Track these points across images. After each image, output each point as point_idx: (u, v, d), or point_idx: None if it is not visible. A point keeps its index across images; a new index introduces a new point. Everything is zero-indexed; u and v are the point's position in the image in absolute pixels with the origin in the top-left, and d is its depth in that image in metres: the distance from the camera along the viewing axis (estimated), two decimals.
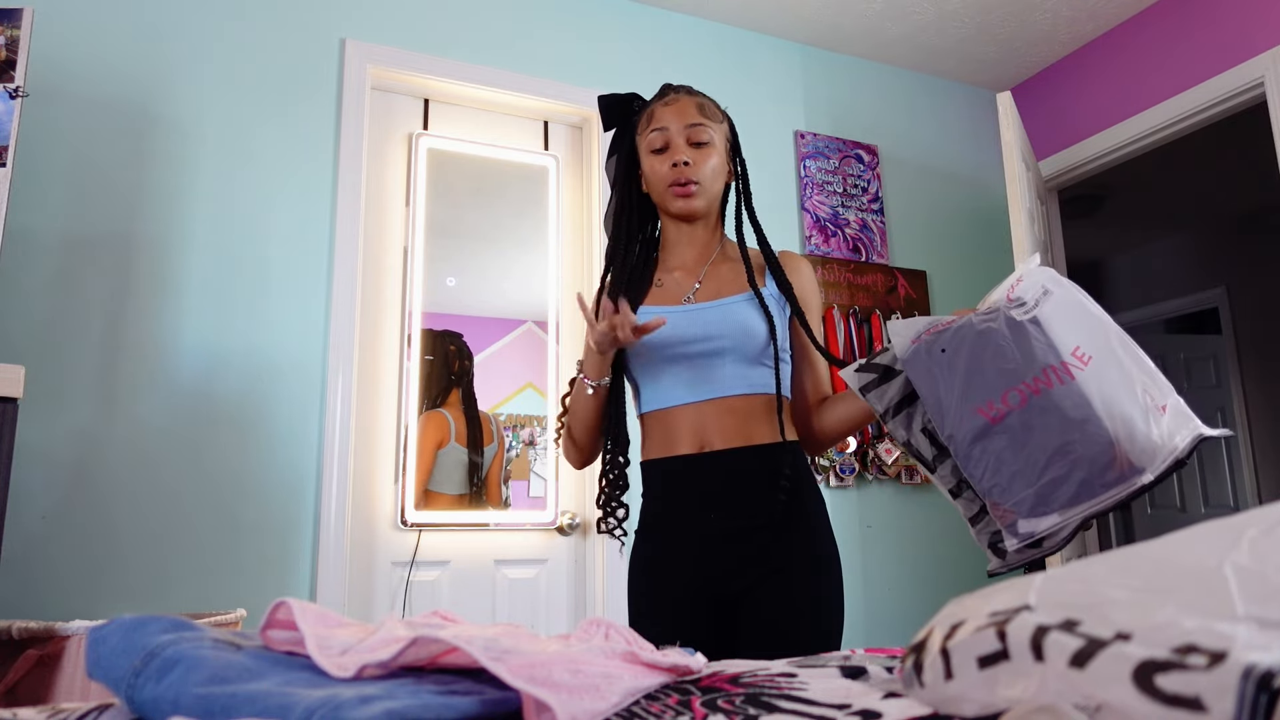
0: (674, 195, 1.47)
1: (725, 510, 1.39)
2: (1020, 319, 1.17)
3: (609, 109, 1.60)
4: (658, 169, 1.48)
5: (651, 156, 1.49)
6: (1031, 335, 1.15)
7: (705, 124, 1.48)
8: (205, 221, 2.30)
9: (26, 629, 1.52)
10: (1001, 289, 1.25)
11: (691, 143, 1.47)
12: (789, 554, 1.39)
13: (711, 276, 1.50)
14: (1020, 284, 1.23)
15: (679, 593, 1.41)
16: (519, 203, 2.76)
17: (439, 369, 2.55)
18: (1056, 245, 3.30)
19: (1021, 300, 1.20)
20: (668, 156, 1.47)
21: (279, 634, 0.71)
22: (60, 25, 2.22)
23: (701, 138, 1.47)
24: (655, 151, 1.49)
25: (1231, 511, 3.55)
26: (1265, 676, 0.36)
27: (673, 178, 1.46)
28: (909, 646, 0.57)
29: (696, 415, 1.43)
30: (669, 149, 1.47)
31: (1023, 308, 1.19)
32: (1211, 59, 2.84)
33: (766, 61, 3.16)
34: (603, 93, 1.63)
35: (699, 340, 1.43)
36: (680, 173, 1.45)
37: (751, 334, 1.43)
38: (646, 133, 1.50)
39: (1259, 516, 0.49)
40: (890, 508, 2.96)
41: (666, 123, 1.48)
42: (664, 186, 1.48)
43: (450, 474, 2.50)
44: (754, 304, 1.45)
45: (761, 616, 1.38)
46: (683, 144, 1.47)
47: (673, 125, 1.47)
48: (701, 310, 1.45)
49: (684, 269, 1.53)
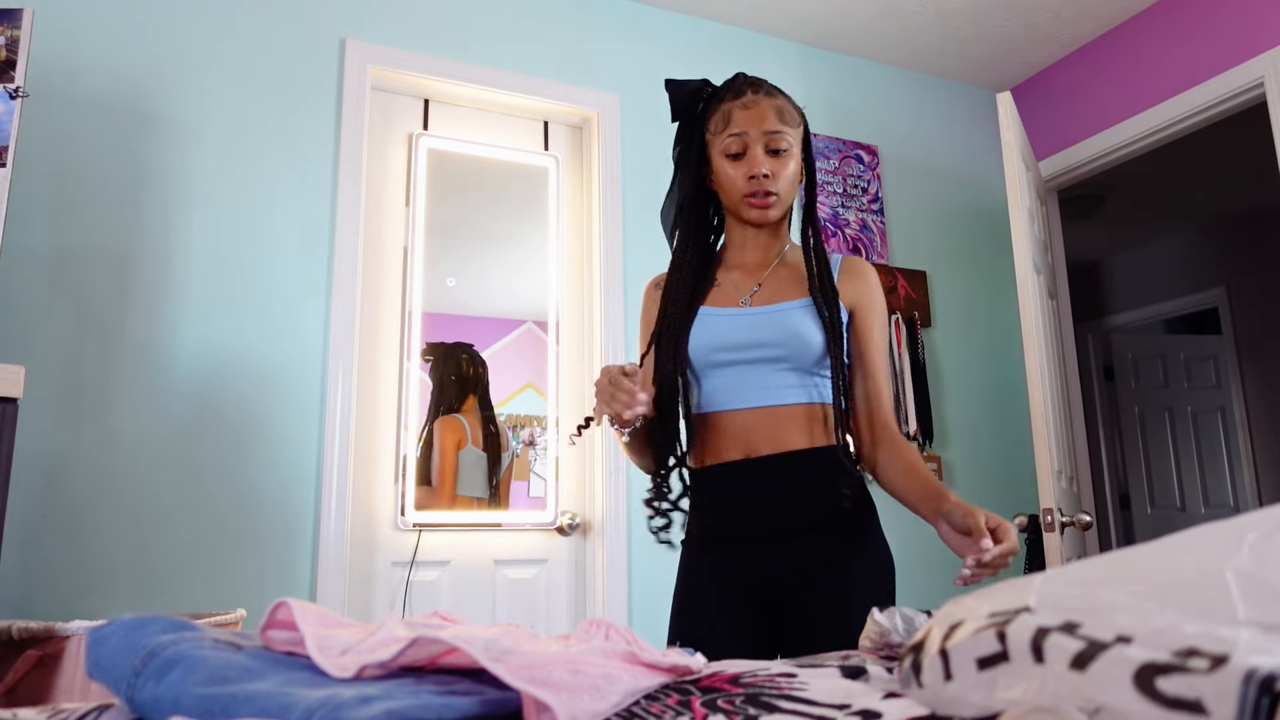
0: (750, 206, 1.42)
1: (772, 515, 1.37)
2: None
3: (680, 101, 1.51)
4: (732, 176, 1.42)
5: (726, 161, 1.43)
6: None
7: (784, 130, 1.42)
8: (205, 221, 2.30)
9: (26, 629, 1.52)
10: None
11: (769, 150, 1.41)
12: (838, 557, 1.37)
13: (772, 280, 1.46)
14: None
15: (724, 598, 1.39)
16: (519, 203, 2.76)
17: (452, 377, 2.57)
18: (1056, 245, 3.30)
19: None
20: (745, 165, 1.41)
21: (279, 634, 0.71)
22: (60, 25, 2.21)
23: (780, 145, 1.41)
24: (731, 156, 1.43)
25: (1231, 511, 3.55)
26: (1267, 680, 0.36)
27: (750, 189, 1.41)
28: (907, 647, 0.57)
29: (746, 421, 1.39)
30: (746, 156, 1.41)
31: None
32: (1211, 59, 2.84)
33: (766, 61, 3.16)
34: (671, 78, 1.53)
35: (752, 346, 1.40)
36: (759, 185, 1.40)
37: (806, 342, 1.38)
38: (722, 135, 1.43)
39: (1260, 519, 0.49)
40: (891, 508, 2.95)
41: (745, 128, 1.41)
42: (739, 196, 1.42)
43: (470, 477, 2.51)
44: (812, 311, 1.41)
45: (804, 617, 1.36)
46: (761, 153, 1.40)
47: (752, 132, 1.41)
48: (756, 315, 1.42)
49: (744, 269, 1.49)
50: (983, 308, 3.34)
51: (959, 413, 3.18)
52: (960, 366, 3.23)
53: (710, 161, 1.47)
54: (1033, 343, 2.53)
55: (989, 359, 3.30)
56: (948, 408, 3.16)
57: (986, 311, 3.34)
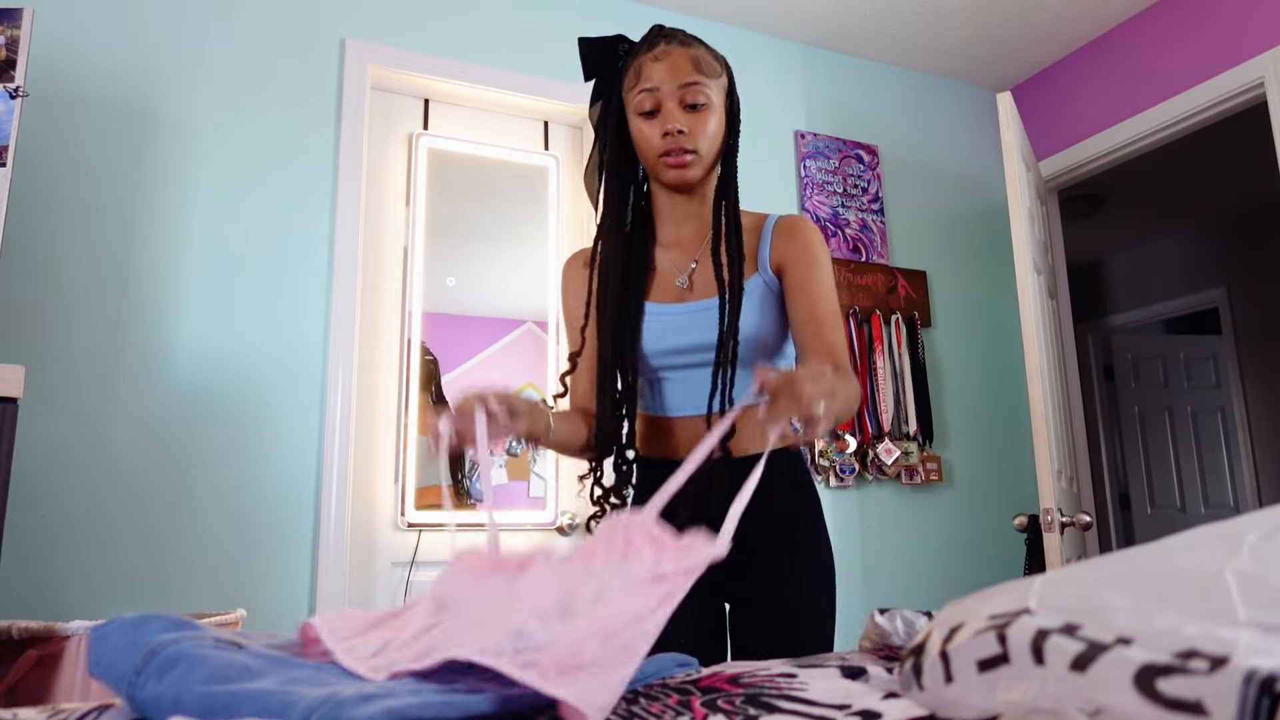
0: (666, 166, 1.31)
1: (721, 514, 1.35)
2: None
3: (590, 56, 1.42)
4: (647, 135, 1.31)
5: (640, 120, 1.32)
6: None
7: (702, 82, 1.30)
8: (205, 221, 2.30)
9: (27, 629, 1.52)
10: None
11: (686, 105, 1.30)
12: (785, 558, 1.34)
13: (707, 261, 1.36)
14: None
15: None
16: (519, 203, 2.76)
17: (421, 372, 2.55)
18: (1056, 245, 3.30)
19: None
20: (659, 122, 1.30)
21: (315, 649, 0.75)
22: (61, 25, 2.21)
23: (698, 99, 1.29)
24: (644, 114, 1.32)
25: (1231, 511, 3.55)
26: (1267, 681, 0.36)
27: (664, 147, 1.29)
28: (908, 649, 0.57)
29: (698, 426, 1.30)
30: (660, 113, 1.30)
31: None
32: (1211, 59, 2.84)
33: (766, 61, 3.16)
34: (585, 36, 1.46)
35: (702, 349, 1.31)
36: (674, 141, 1.29)
37: (750, 339, 1.31)
38: (634, 91, 1.32)
39: (1259, 520, 0.49)
40: (890, 508, 2.96)
41: (657, 82, 1.30)
42: (655, 156, 1.31)
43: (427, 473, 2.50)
44: (754, 296, 1.32)
45: (755, 615, 1.34)
46: (675, 108, 1.29)
47: (665, 85, 1.29)
48: (701, 312, 1.33)
49: (680, 246, 1.39)
50: (983, 308, 3.34)
51: (959, 413, 3.18)
52: (960, 366, 3.23)
53: (628, 124, 1.36)
54: (1033, 343, 2.53)
55: (989, 359, 3.30)
56: (948, 408, 3.16)
57: (986, 311, 3.34)
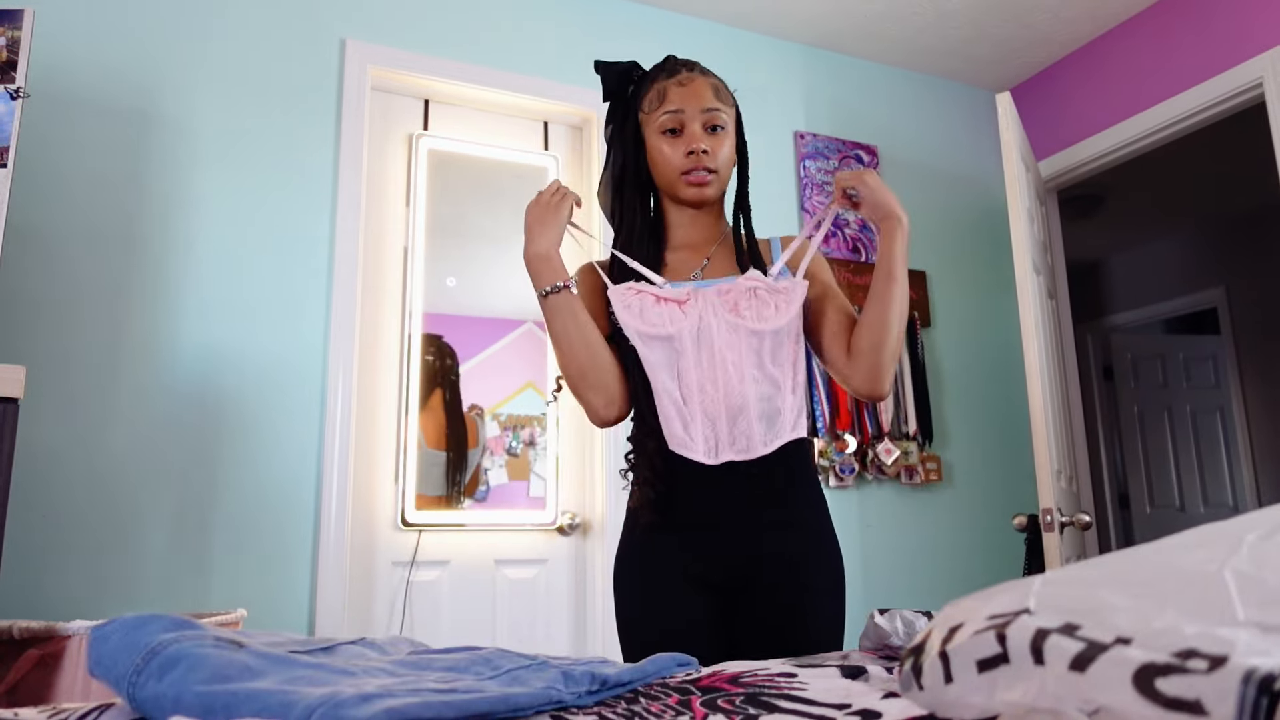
0: (687, 184, 1.42)
1: (738, 507, 1.34)
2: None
3: (610, 81, 1.51)
4: (668, 154, 1.42)
5: (661, 139, 1.42)
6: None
7: (720, 109, 1.42)
8: (205, 222, 2.30)
9: (27, 629, 1.52)
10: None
11: (707, 127, 1.41)
12: (785, 555, 1.35)
13: (719, 256, 1.46)
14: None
15: (686, 581, 1.35)
16: (519, 203, 2.73)
17: (421, 372, 2.53)
18: (1056, 245, 3.30)
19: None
20: (682, 142, 1.41)
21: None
22: (61, 26, 2.21)
23: (718, 121, 1.42)
24: (666, 134, 1.42)
25: (1231, 511, 3.55)
26: (1266, 680, 0.36)
27: (687, 165, 1.40)
28: (908, 649, 0.57)
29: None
30: (683, 133, 1.41)
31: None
32: (1211, 59, 2.84)
33: (766, 61, 3.16)
34: (601, 60, 1.54)
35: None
36: (698, 161, 1.40)
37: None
38: (657, 113, 1.43)
39: (1259, 520, 0.49)
40: (890, 508, 2.96)
41: (681, 105, 1.41)
42: (675, 173, 1.42)
43: (429, 476, 2.48)
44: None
45: (756, 615, 1.35)
46: (699, 130, 1.40)
47: (688, 109, 1.40)
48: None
49: (690, 248, 1.48)
50: (983, 308, 3.34)
51: (959, 413, 3.18)
52: (960, 366, 3.24)
53: (645, 141, 1.46)
54: (1032, 343, 2.53)
55: (989, 359, 3.30)
56: (948, 408, 3.16)
57: (986, 311, 3.34)
